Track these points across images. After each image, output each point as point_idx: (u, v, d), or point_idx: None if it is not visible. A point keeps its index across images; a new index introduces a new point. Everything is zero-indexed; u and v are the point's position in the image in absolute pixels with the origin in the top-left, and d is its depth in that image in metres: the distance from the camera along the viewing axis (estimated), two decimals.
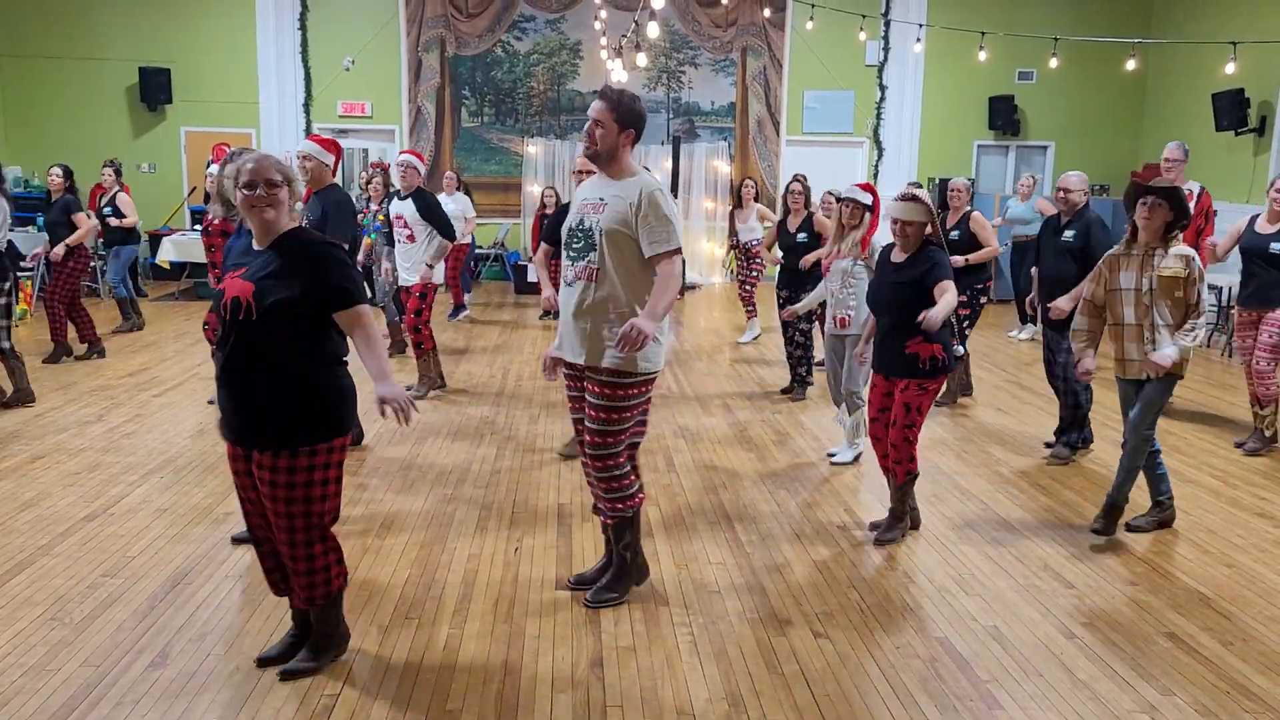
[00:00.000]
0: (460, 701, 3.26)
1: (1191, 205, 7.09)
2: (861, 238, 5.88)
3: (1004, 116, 14.49)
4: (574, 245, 3.80)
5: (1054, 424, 6.38)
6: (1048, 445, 6.37)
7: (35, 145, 13.41)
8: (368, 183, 9.55)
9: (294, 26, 13.88)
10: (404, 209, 7.12)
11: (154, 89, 13.59)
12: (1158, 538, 4.84)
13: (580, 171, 5.55)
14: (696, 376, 8.42)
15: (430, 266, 7.08)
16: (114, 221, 9.82)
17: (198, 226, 12.44)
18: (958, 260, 6.74)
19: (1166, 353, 4.53)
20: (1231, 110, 11.87)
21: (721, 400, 7.56)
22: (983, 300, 7.64)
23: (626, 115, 3.71)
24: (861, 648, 3.67)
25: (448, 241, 7.08)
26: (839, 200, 6.04)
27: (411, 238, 7.11)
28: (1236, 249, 6.54)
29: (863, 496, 5.43)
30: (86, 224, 8.40)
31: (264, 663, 3.45)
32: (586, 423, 3.82)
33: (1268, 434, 6.39)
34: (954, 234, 7.39)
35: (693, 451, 6.20)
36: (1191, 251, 4.57)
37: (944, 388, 5.36)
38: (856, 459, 6.00)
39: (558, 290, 4.09)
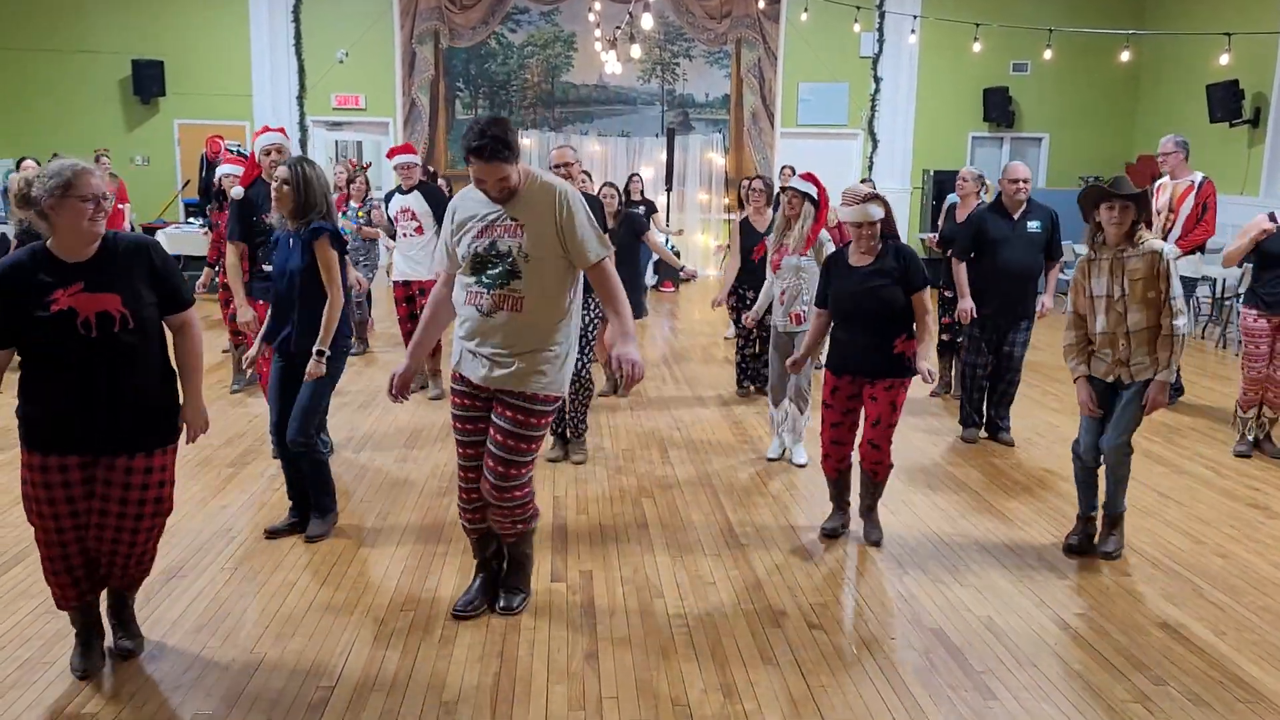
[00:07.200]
0: (456, 693, 3.27)
1: (1192, 196, 7.04)
2: (808, 232, 5.63)
3: (999, 108, 14.48)
4: (488, 271, 3.44)
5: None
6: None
7: (27, 138, 13.35)
8: (349, 182, 8.84)
9: (288, 19, 13.83)
10: (411, 202, 7.21)
11: (147, 81, 13.54)
12: (1151, 528, 4.86)
13: (557, 165, 5.24)
14: (691, 369, 8.43)
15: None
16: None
17: (191, 220, 12.41)
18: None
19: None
20: (1226, 102, 11.88)
21: (715, 393, 7.57)
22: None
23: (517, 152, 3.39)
24: (856, 639, 3.69)
25: None
26: (781, 190, 5.74)
27: (420, 230, 7.20)
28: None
29: (856, 487, 5.43)
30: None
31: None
32: (495, 452, 3.56)
33: (1250, 436, 6.08)
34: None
35: (687, 444, 6.21)
36: (1160, 245, 4.22)
37: (937, 379, 5.24)
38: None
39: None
